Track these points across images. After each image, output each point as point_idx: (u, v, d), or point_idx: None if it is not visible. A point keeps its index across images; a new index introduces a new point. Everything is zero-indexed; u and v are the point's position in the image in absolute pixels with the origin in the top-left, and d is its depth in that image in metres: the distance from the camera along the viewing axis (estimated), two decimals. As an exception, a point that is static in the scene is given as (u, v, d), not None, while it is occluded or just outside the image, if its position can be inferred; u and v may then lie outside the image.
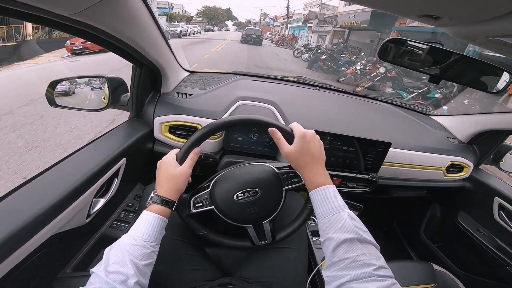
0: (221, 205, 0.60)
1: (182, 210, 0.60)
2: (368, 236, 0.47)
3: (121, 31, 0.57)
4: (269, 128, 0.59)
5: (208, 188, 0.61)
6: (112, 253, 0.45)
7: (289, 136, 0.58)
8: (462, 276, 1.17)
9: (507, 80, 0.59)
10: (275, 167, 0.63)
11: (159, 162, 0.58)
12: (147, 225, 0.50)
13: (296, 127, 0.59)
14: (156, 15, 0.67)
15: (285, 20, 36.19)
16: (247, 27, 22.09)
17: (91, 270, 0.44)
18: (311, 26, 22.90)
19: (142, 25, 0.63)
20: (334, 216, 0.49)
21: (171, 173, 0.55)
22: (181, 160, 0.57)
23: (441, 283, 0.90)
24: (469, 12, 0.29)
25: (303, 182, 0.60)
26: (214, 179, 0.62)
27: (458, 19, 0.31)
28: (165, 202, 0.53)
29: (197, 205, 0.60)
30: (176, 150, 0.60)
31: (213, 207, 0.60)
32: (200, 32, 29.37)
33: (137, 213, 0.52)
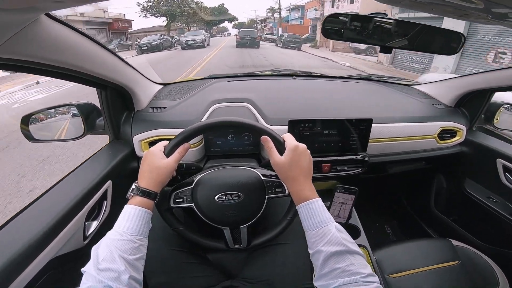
0: (201, 203, 0.59)
1: (161, 203, 0.59)
2: (354, 246, 0.49)
3: (55, 59, 0.55)
4: (262, 136, 0.59)
5: (191, 185, 0.61)
6: (100, 250, 0.45)
7: (280, 146, 0.58)
8: (484, 249, 1.08)
9: (462, 41, 0.62)
10: (261, 174, 0.63)
11: (145, 152, 0.58)
12: (131, 218, 0.49)
13: (289, 139, 0.59)
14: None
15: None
16: (240, 30, 19.98)
17: (83, 269, 0.43)
18: None
19: (78, 49, 0.61)
20: (322, 230, 0.50)
21: (156, 164, 0.55)
22: (168, 153, 0.57)
23: (465, 260, 0.86)
24: None
25: (287, 193, 0.60)
26: (199, 177, 0.62)
27: None
28: (147, 194, 0.52)
29: (177, 200, 0.60)
30: (165, 142, 0.59)
31: (192, 204, 0.60)
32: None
33: None
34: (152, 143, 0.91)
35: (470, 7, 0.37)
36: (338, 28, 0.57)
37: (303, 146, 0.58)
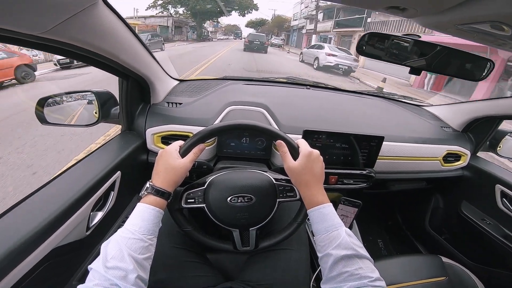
0: (213, 205, 0.60)
1: (173, 203, 0.59)
2: (363, 251, 0.49)
3: (97, 45, 0.57)
4: (277, 141, 0.60)
5: (204, 186, 0.61)
6: (109, 247, 0.45)
7: (294, 152, 0.59)
8: (472, 267, 1.13)
9: (489, 68, 0.62)
10: (273, 178, 0.64)
11: (160, 151, 0.58)
12: (143, 217, 0.49)
13: (303, 144, 0.60)
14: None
15: None
16: (249, 33, 18.78)
17: (89, 266, 0.43)
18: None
19: (119, 38, 0.62)
20: (332, 234, 0.51)
21: (171, 164, 0.55)
22: (183, 153, 0.57)
23: (452, 276, 0.88)
24: (432, 1, 0.29)
25: (298, 197, 0.61)
26: (211, 178, 0.62)
27: (422, 9, 0.31)
28: (161, 193, 0.52)
29: (188, 200, 0.60)
30: (180, 142, 0.60)
31: (204, 205, 0.60)
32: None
33: None
34: (164, 138, 0.91)
35: (500, 35, 0.38)
36: (374, 47, 0.59)
37: (316, 152, 0.59)
